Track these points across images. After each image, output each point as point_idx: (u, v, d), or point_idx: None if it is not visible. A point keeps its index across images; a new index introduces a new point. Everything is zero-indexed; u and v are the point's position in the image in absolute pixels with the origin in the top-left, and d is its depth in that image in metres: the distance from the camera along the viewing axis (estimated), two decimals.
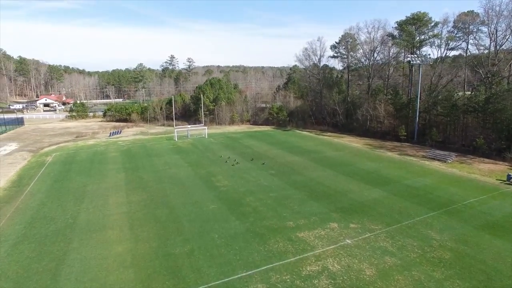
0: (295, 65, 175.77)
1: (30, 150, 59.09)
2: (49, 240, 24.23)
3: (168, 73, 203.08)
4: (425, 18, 62.92)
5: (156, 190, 34.91)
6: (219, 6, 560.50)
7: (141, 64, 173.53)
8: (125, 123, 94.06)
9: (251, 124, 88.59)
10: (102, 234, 25.09)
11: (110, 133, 71.52)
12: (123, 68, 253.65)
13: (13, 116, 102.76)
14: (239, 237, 24.15)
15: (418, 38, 66.20)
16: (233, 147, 57.27)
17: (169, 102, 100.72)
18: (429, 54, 64.05)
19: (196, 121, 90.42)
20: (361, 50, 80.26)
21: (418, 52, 66.77)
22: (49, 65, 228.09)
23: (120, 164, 46.29)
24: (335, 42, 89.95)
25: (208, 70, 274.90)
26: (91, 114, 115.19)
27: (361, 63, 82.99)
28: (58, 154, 54.39)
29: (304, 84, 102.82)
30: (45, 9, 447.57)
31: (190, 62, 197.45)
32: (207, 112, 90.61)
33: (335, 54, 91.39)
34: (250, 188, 35.09)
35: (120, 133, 74.44)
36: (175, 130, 65.05)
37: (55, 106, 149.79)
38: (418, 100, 61.34)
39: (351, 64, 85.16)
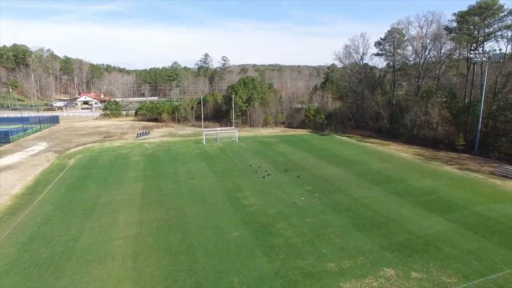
0: (333, 64, 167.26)
1: (57, 150, 57.37)
2: (37, 272, 20.18)
3: (203, 71, 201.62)
4: (495, 6, 53.53)
5: (173, 207, 30.28)
6: (257, 5, 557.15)
7: (175, 63, 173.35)
8: (155, 123, 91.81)
9: (285, 127, 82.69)
10: (100, 266, 20.67)
11: (138, 134, 68.81)
12: (160, 67, 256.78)
13: (49, 114, 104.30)
14: (265, 284, 18.69)
15: (483, 31, 56.91)
16: (265, 154, 51.82)
17: (201, 102, 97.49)
18: (495, 50, 54.57)
19: (228, 122, 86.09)
20: (410, 47, 71.65)
21: (481, 47, 57.55)
22: (91, 64, 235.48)
23: (141, 171, 42.44)
24: (380, 38, 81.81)
25: (243, 68, 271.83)
26: (124, 112, 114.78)
27: (409, 61, 74.25)
28: (81, 156, 51.88)
29: (343, 84, 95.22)
30: (94, 12, 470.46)
31: (224, 60, 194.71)
32: (239, 113, 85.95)
33: (380, 52, 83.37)
34: (282, 209, 29.46)
35: (147, 134, 71.61)
36: (203, 133, 60.72)
37: (92, 104, 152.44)
38: (482, 104, 52.39)
39: (397, 63, 76.74)
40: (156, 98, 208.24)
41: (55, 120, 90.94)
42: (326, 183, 36.84)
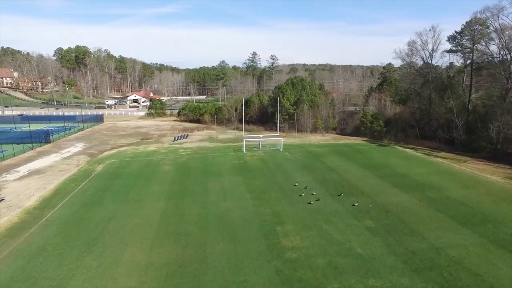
0: (389, 64, 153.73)
1: (90, 153, 54.35)
2: None
3: (251, 71, 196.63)
4: None
5: (193, 243, 23.77)
6: (308, 4, 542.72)
7: (223, 61, 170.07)
8: (197, 125, 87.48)
9: (337, 134, 73.51)
10: None
11: (175, 137, 64.27)
12: (210, 66, 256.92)
13: (96, 113, 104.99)
14: None
15: None
16: (313, 168, 43.76)
17: (246, 103, 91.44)
18: None
19: (273, 126, 78.92)
20: (497, 40, 58.87)
21: None
22: (143, 63, 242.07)
23: (167, 185, 36.79)
24: (455, 32, 69.68)
25: (292, 68, 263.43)
26: (168, 112, 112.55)
27: (494, 58, 61.33)
28: (111, 162, 47.89)
29: (405, 86, 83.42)
30: (152, 15, 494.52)
31: (273, 59, 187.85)
32: (286, 117, 78.38)
33: (453, 48, 71.09)
34: (335, 259, 21.59)
35: (186, 137, 66.85)
36: (244, 140, 54.08)
37: (140, 102, 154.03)
38: None
39: (476, 60, 64.24)
40: (204, 97, 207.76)
41: (99, 119, 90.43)
42: (393, 217, 28.08)
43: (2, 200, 33.54)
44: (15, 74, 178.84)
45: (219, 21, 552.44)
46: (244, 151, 52.83)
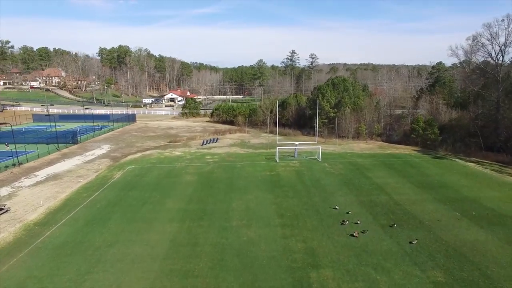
0: (440, 63, 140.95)
1: (114, 157, 51.34)
2: None
3: (289, 70, 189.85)
4: None
5: None
6: (351, 2, 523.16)
7: (261, 60, 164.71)
8: (229, 126, 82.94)
9: (383, 141, 65.30)
10: None
11: (203, 141, 59.85)
12: (248, 65, 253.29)
13: (129, 112, 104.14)
14: None
15: None
16: (357, 186, 36.89)
17: (282, 104, 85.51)
18: None
19: (311, 130, 72.36)
20: None
21: None
22: (182, 62, 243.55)
23: (184, 202, 31.94)
24: None
25: (333, 67, 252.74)
26: (202, 112, 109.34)
27: None
28: (131, 168, 44.20)
29: (464, 88, 73.13)
30: (194, 15, 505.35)
31: (313, 58, 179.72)
32: (326, 120, 71.38)
33: None
34: None
35: (215, 141, 62.25)
36: (277, 148, 48.11)
37: (176, 101, 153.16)
38: None
39: None
40: (240, 96, 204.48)
41: (131, 119, 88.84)
42: (471, 267, 20.91)
43: (7, 211, 30.52)
44: (63, 73, 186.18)
45: (259, 21, 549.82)
46: (277, 161, 46.93)
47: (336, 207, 30.02)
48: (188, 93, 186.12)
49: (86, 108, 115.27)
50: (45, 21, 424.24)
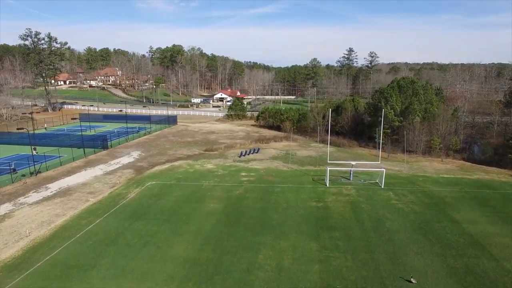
0: None
1: (139, 167, 45.43)
2: None
3: (345, 70, 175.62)
4: None
5: None
6: None
7: (315, 59, 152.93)
8: (276, 132, 74.15)
9: (464, 160, 51.82)
10: None
11: (241, 152, 51.70)
12: (302, 64, 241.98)
13: (170, 113, 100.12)
14: None
15: None
16: (440, 235, 25.77)
17: (336, 109, 74.71)
18: None
19: (370, 141, 61.01)
20: None
21: None
22: (234, 61, 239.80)
23: (196, 247, 23.85)
24: None
25: (393, 67, 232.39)
26: (249, 114, 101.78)
27: None
28: (151, 185, 37.46)
29: None
30: (251, 15, 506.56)
31: (372, 56, 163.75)
32: (388, 130, 59.42)
33: None
34: None
35: (256, 152, 53.86)
36: (328, 168, 38.07)
37: (225, 101, 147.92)
38: None
39: None
40: (293, 97, 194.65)
41: (172, 121, 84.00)
42: None
43: None
44: (119, 72, 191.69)
45: (315, 19, 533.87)
46: (327, 184, 37.08)
47: (412, 279, 19.68)
48: (238, 93, 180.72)
49: (144, 107, 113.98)
50: (113, 24, 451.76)
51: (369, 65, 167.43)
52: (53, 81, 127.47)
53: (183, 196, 33.84)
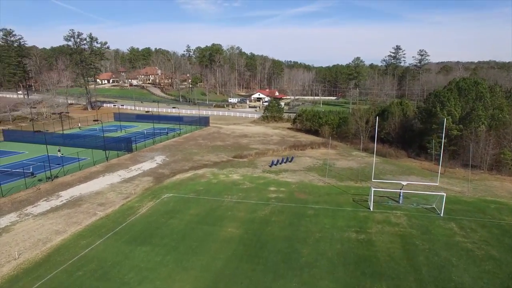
0: None
1: (159, 175, 41.79)
2: None
3: (391, 69, 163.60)
4: None
5: None
6: None
7: (358, 58, 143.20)
8: (313, 137, 67.99)
9: None
10: None
11: (272, 162, 46.31)
12: (343, 64, 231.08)
13: (201, 114, 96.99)
14: None
15: None
16: None
17: (382, 113, 66.92)
18: None
19: (422, 152, 52.95)
20: None
21: None
22: (273, 60, 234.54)
23: (204, 287, 19.05)
24: None
25: (444, 66, 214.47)
26: (285, 116, 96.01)
27: None
28: (167, 199, 33.36)
29: None
30: (293, 14, 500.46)
31: (422, 55, 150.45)
32: (445, 140, 51.02)
33: None
34: None
35: (290, 161, 48.28)
36: (371, 189, 31.51)
37: (262, 102, 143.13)
38: None
39: None
40: (333, 98, 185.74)
41: (204, 122, 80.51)
42: None
43: None
44: (159, 72, 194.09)
45: (359, 18, 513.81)
46: (371, 208, 30.65)
47: None
48: (277, 93, 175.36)
49: (173, 107, 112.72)
50: (157, 25, 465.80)
51: (418, 64, 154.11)
52: (97, 80, 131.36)
53: (199, 216, 29.23)
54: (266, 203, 32.07)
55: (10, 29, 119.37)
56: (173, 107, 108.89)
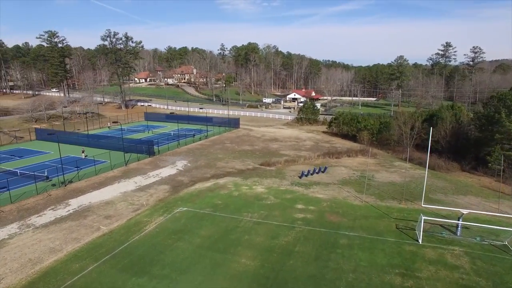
0: None
1: (177, 183, 38.46)
2: None
3: (437, 69, 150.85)
4: None
5: None
6: None
7: (401, 57, 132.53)
8: (350, 143, 62.04)
9: None
10: None
11: (302, 173, 41.23)
12: (385, 63, 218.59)
13: (241, 113, 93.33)
14: None
15: None
16: None
17: (430, 119, 59.47)
18: None
19: (479, 165, 45.40)
20: None
21: None
22: (310, 59, 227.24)
23: None
24: None
25: (500, 65, 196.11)
26: (321, 118, 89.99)
27: None
28: (180, 213, 29.67)
29: None
30: (332, 13, 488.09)
31: (476, 52, 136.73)
32: (510, 153, 43.30)
33: None
34: None
35: (323, 171, 43.00)
36: (421, 218, 25.51)
37: (297, 103, 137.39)
38: None
39: None
40: (373, 99, 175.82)
41: (233, 124, 76.83)
42: None
43: None
44: (194, 71, 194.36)
45: (402, 15, 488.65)
46: (420, 240, 24.76)
47: None
48: (313, 94, 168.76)
49: (201, 108, 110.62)
50: (195, 24, 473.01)
51: (471, 62, 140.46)
52: (135, 79, 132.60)
53: (211, 239, 25.10)
54: (291, 226, 27.29)
55: (54, 31, 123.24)
56: (200, 108, 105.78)
